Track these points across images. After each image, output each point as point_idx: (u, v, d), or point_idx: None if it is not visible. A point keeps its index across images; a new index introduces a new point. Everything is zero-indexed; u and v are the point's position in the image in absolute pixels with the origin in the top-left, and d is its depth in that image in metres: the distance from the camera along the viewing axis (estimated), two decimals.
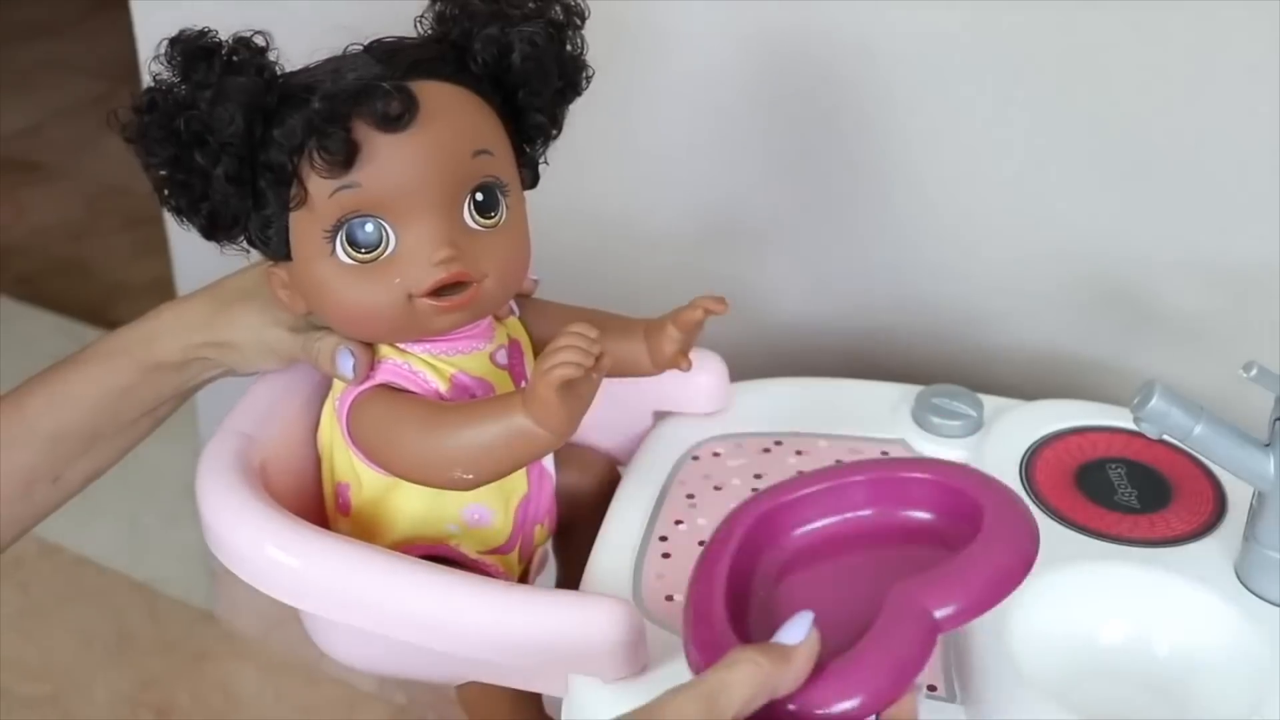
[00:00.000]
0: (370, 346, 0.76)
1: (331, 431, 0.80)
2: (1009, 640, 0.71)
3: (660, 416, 0.91)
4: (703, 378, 0.89)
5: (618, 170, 1.10)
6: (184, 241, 1.36)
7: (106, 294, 2.03)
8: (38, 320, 1.96)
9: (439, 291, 0.71)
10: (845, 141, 1.02)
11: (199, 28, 0.70)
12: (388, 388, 0.75)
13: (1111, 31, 0.90)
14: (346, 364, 0.75)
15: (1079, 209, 0.96)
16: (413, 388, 0.75)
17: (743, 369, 0.93)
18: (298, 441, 0.84)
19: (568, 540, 0.87)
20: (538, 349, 0.82)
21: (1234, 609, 0.74)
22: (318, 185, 0.70)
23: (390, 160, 0.70)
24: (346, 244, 0.71)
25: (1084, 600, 0.76)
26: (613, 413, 0.92)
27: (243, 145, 0.69)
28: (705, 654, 0.60)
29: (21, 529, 0.81)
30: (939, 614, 0.58)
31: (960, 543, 0.61)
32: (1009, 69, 0.94)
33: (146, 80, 0.71)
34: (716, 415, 0.90)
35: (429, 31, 0.76)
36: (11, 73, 2.74)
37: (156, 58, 0.70)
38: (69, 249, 2.17)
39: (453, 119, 0.72)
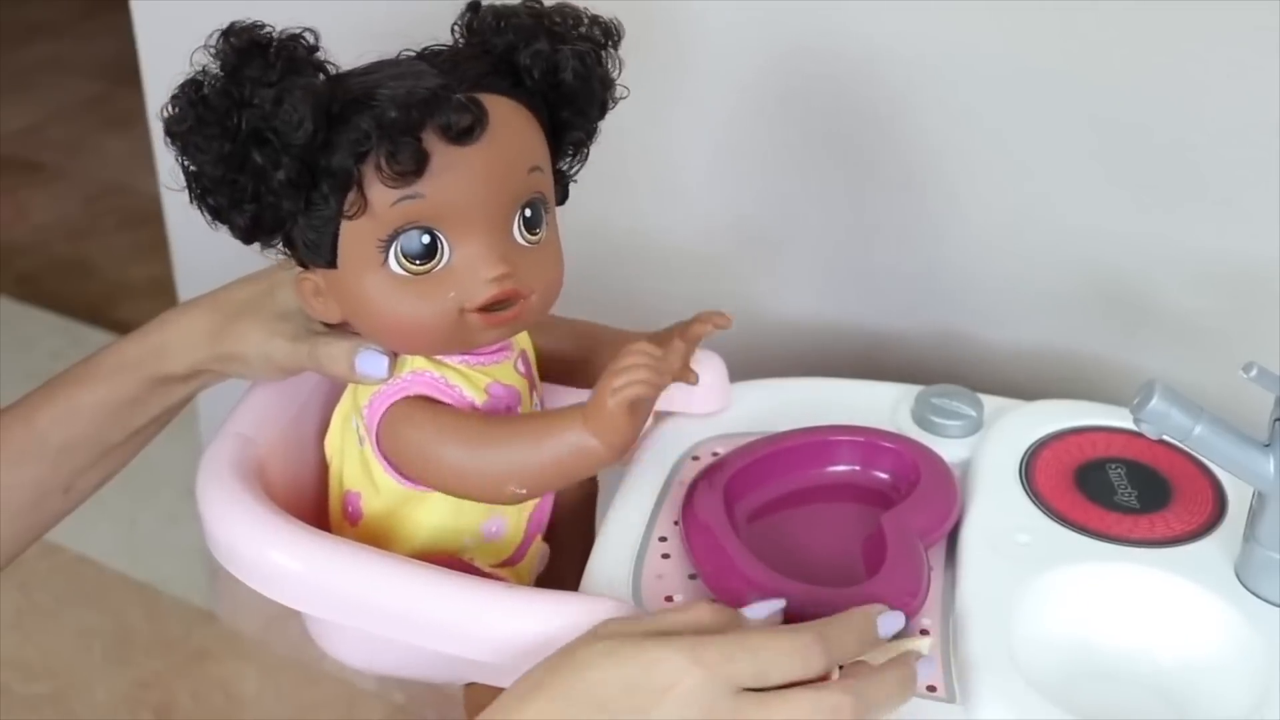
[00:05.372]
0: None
1: (343, 439, 0.79)
2: (1009, 641, 0.71)
3: (660, 417, 0.91)
4: (702, 378, 0.89)
5: (623, 173, 1.10)
6: (184, 241, 1.36)
7: (106, 294, 2.03)
8: (38, 320, 1.96)
9: (489, 306, 0.71)
10: (844, 143, 1.02)
11: (251, 20, 0.69)
12: (424, 399, 0.74)
13: (1112, 32, 0.90)
14: (379, 364, 0.74)
15: (1079, 209, 0.96)
16: (449, 402, 0.74)
17: (743, 369, 0.93)
18: (297, 443, 0.84)
19: (550, 545, 0.87)
20: (540, 360, 0.83)
21: (1234, 610, 0.74)
22: (379, 193, 0.68)
23: (456, 173, 0.68)
24: (401, 255, 0.70)
25: (1083, 601, 0.76)
26: None
27: (307, 148, 0.67)
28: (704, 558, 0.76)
29: (33, 538, 0.81)
30: (924, 531, 0.78)
31: (886, 486, 0.84)
32: (1010, 71, 0.94)
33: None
34: (716, 415, 0.90)
35: (462, 38, 0.75)
36: (11, 73, 2.74)
37: (204, 48, 0.68)
38: (69, 249, 2.17)
39: (514, 133, 0.71)
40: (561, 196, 0.78)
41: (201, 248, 0.76)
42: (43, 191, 2.35)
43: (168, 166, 0.72)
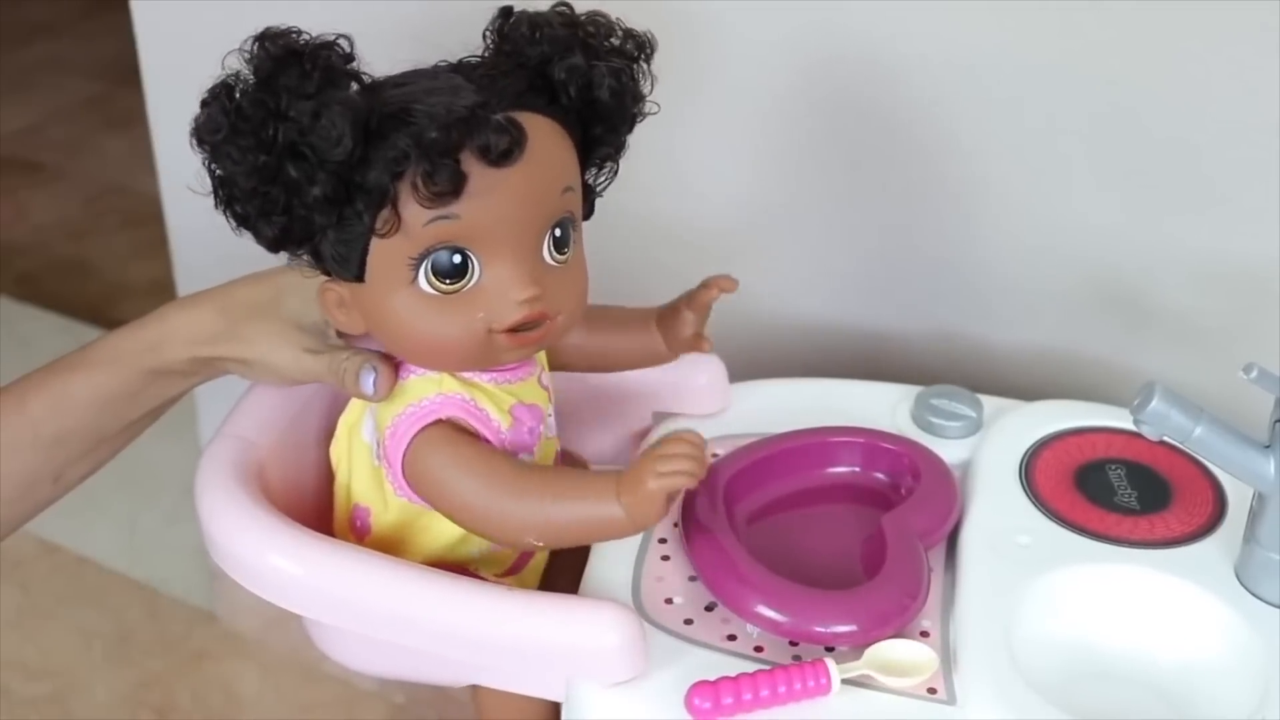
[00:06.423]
0: (397, 365, 0.75)
1: (350, 449, 0.79)
2: (1009, 642, 0.71)
3: (660, 417, 0.91)
4: (702, 379, 0.89)
5: (627, 173, 1.10)
6: (184, 241, 1.36)
7: (106, 294, 2.03)
8: (38, 320, 1.96)
9: (517, 327, 0.70)
10: (845, 145, 1.02)
11: (285, 26, 0.68)
12: (456, 428, 0.73)
13: (1112, 32, 0.90)
14: (367, 380, 0.74)
15: (1079, 209, 0.96)
16: (479, 426, 0.73)
17: (742, 369, 0.93)
18: (296, 446, 0.84)
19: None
20: (552, 355, 0.82)
21: (1234, 611, 0.74)
22: (413, 212, 0.67)
23: (492, 195, 0.68)
24: (431, 274, 0.69)
25: (1083, 602, 0.76)
26: (612, 413, 0.92)
27: (344, 165, 0.66)
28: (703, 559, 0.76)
29: (18, 524, 0.81)
30: (925, 533, 0.78)
31: (886, 487, 0.84)
32: (1010, 72, 0.94)
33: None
34: (716, 416, 0.90)
35: (494, 44, 0.74)
36: (11, 73, 2.74)
37: (239, 52, 0.67)
38: (69, 249, 2.17)
39: (549, 154, 0.70)
40: (588, 212, 0.77)
41: (201, 248, 0.76)
42: (43, 191, 2.34)
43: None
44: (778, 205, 1.07)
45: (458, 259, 0.69)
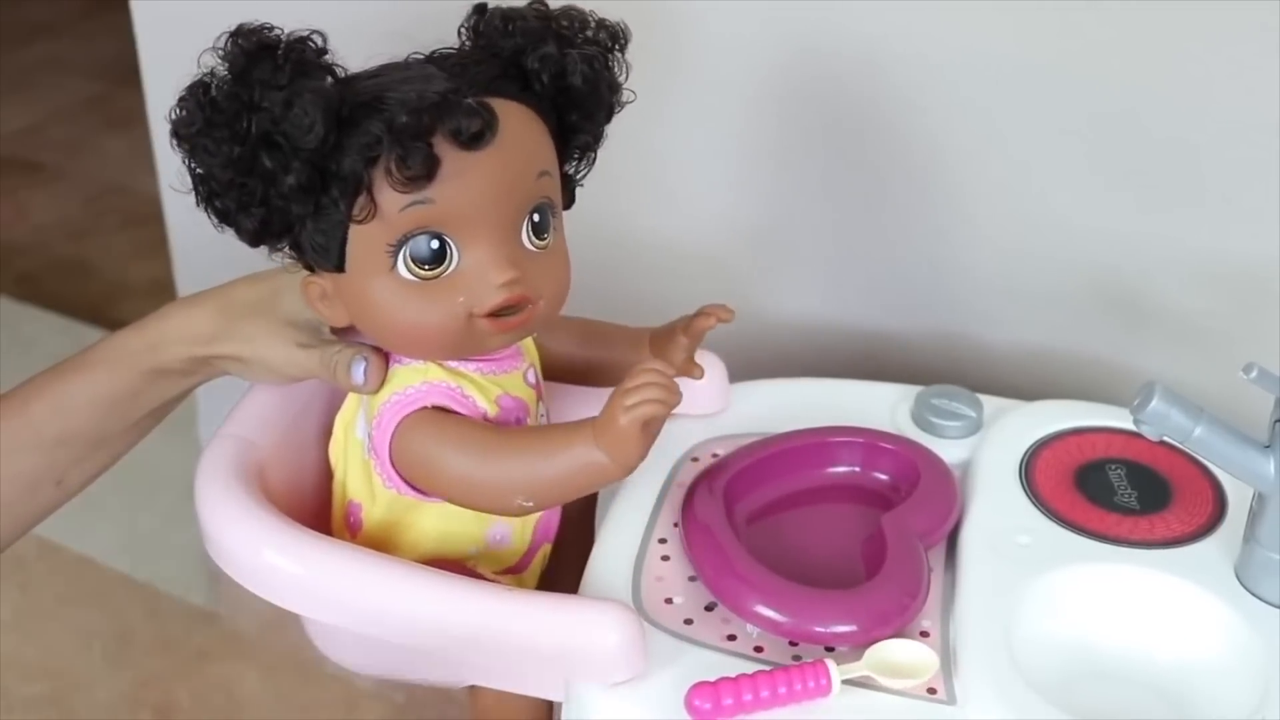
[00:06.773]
0: (386, 358, 0.75)
1: (346, 448, 0.79)
2: (1009, 642, 0.71)
3: None
4: (702, 379, 0.89)
5: (625, 174, 1.10)
6: (184, 241, 1.36)
7: (106, 294, 2.03)
8: (38, 320, 1.96)
9: (498, 312, 0.71)
10: (844, 144, 1.02)
11: (259, 23, 0.68)
12: (439, 410, 0.73)
13: (1112, 31, 0.90)
14: (358, 370, 0.75)
15: (1079, 209, 0.96)
16: (464, 411, 0.74)
17: (742, 370, 0.93)
18: (297, 445, 0.84)
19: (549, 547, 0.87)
20: (544, 365, 0.82)
21: (1234, 611, 0.74)
22: (388, 198, 0.68)
23: (466, 178, 0.68)
24: (410, 260, 0.70)
25: (1083, 602, 0.76)
26: None
27: (317, 152, 0.66)
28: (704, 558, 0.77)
29: (23, 530, 0.81)
30: (925, 533, 0.78)
31: (886, 487, 0.84)
32: (1009, 71, 0.94)
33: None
34: (715, 416, 0.90)
35: (469, 41, 0.75)
36: (11, 73, 2.74)
37: (213, 49, 0.68)
38: (69, 249, 2.17)
39: (522, 138, 0.71)
40: (568, 201, 0.78)
41: (201, 248, 0.76)
42: (43, 191, 2.35)
43: (174, 168, 0.71)
44: (778, 206, 1.07)
45: (435, 244, 0.69)
